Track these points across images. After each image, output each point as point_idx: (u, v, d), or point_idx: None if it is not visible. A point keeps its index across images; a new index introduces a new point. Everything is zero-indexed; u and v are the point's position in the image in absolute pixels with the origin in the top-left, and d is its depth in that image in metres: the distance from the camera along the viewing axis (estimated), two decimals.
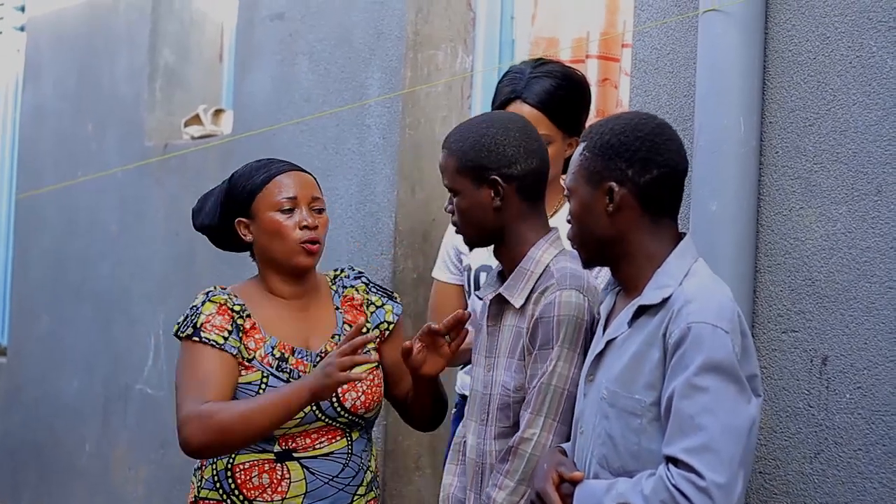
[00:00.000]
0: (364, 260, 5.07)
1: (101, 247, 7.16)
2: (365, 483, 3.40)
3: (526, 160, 3.09)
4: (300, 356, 3.32)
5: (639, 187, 2.73)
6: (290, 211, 3.32)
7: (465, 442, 3.24)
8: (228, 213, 3.39)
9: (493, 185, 3.08)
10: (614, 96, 4.32)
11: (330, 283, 3.47)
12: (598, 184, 2.75)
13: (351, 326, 3.36)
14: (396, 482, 4.90)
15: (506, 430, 3.07)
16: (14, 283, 8.22)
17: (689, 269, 2.72)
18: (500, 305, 3.13)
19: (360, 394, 3.35)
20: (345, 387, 3.28)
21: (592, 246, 2.80)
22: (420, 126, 4.95)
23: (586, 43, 4.40)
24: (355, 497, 3.37)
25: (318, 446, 3.32)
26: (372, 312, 3.46)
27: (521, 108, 3.54)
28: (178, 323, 3.33)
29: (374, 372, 3.39)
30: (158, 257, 6.46)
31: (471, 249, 3.52)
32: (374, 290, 3.49)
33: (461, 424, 3.32)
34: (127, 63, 7.10)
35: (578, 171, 2.79)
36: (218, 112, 6.61)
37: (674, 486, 2.54)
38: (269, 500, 3.28)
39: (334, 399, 3.30)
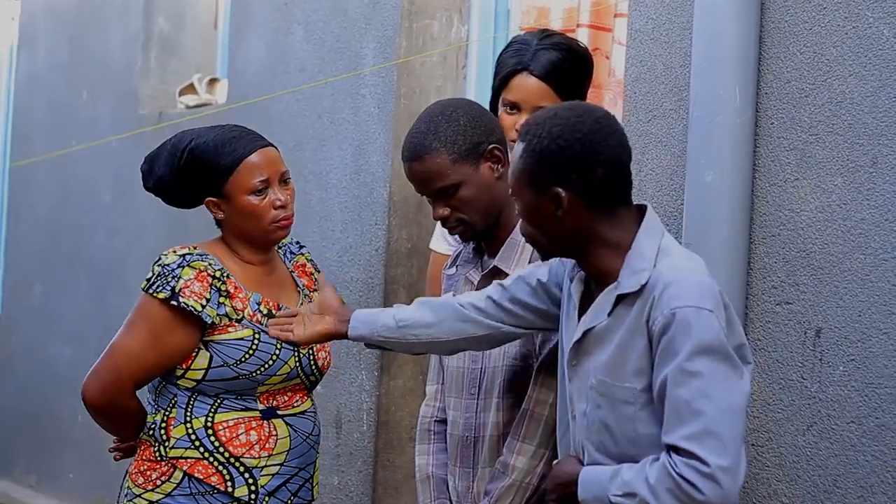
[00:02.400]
0: (358, 230, 5.06)
1: (95, 216, 7.14)
2: (321, 442, 3.50)
3: (497, 127, 3.13)
4: None
5: (584, 188, 2.64)
6: (263, 191, 3.34)
7: (435, 421, 3.24)
8: (192, 185, 3.38)
9: (491, 157, 3.06)
10: (606, 66, 4.29)
11: (276, 248, 3.52)
12: (542, 189, 2.66)
13: (307, 290, 3.48)
14: (389, 452, 4.90)
15: (517, 401, 3.07)
16: (7, 252, 8.21)
17: (659, 247, 2.68)
18: (489, 279, 3.11)
19: (326, 355, 3.46)
20: (317, 346, 3.39)
21: (550, 245, 2.74)
22: (415, 96, 4.93)
23: (577, 12, 4.37)
24: (317, 454, 3.47)
25: (295, 405, 3.40)
26: (314, 280, 3.56)
27: (527, 81, 3.47)
28: (149, 280, 3.31)
29: None
30: (152, 226, 6.44)
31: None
32: (313, 265, 3.60)
33: (423, 404, 3.30)
34: (121, 31, 7.07)
35: (520, 176, 2.70)
36: (213, 81, 6.59)
37: (678, 474, 2.51)
38: (257, 456, 3.32)
39: (311, 358, 3.39)
